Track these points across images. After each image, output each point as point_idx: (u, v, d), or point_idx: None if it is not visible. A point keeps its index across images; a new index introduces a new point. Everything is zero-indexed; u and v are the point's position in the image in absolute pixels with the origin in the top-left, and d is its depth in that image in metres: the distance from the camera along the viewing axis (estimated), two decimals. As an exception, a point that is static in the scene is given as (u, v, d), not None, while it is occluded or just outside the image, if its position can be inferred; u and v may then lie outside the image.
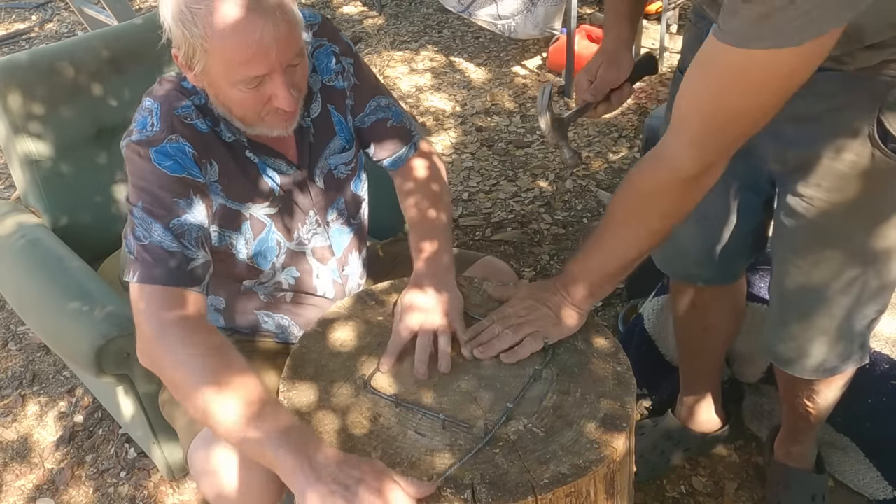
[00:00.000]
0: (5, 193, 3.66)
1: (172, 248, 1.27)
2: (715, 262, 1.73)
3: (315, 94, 1.51)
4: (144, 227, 1.28)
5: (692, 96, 1.16)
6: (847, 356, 1.57)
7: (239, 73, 1.24)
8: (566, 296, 1.39)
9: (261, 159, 1.45)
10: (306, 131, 1.50)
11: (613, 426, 1.20)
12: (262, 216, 1.47)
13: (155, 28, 2.28)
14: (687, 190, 1.23)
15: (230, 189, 1.42)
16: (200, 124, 1.37)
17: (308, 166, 1.51)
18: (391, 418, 1.24)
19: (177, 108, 1.36)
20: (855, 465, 1.97)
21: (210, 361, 1.19)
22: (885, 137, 1.27)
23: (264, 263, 1.53)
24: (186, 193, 1.31)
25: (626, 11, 1.62)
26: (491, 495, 1.09)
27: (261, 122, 1.35)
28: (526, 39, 4.49)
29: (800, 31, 0.95)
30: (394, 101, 1.63)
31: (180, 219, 1.29)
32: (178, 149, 1.32)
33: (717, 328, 1.91)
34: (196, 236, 1.31)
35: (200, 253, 1.31)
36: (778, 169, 1.47)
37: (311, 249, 1.58)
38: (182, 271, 1.27)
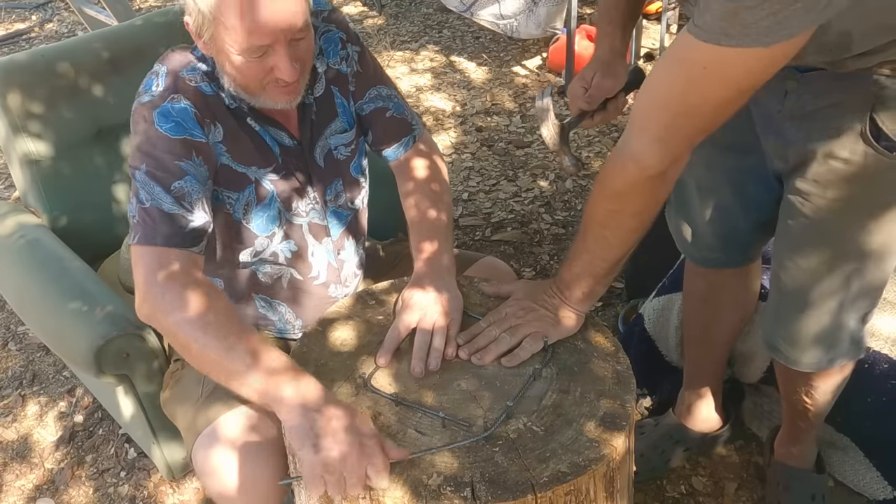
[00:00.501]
0: (5, 193, 3.66)
1: (172, 210, 1.32)
2: (729, 246, 1.76)
3: (319, 76, 1.54)
4: (147, 189, 1.32)
5: (656, 91, 1.16)
6: (841, 350, 1.59)
7: (244, 42, 1.28)
8: (563, 298, 1.39)
9: (262, 127, 1.48)
10: (308, 108, 1.52)
11: (613, 425, 1.20)
12: (265, 182, 1.50)
13: (155, 28, 2.30)
14: (655, 186, 1.24)
15: (235, 151, 1.45)
16: (205, 87, 1.41)
17: (309, 142, 1.54)
18: (391, 417, 1.24)
19: (183, 70, 1.40)
20: (855, 465, 1.97)
21: (210, 317, 1.24)
22: (877, 135, 1.28)
23: (263, 230, 1.53)
24: (188, 155, 1.35)
25: (620, 20, 1.62)
26: (490, 493, 1.09)
27: (263, 93, 1.38)
28: (527, 39, 4.49)
29: (768, 33, 0.96)
30: (396, 93, 1.64)
31: (181, 181, 1.33)
32: (179, 109, 1.36)
33: (731, 311, 1.92)
34: (196, 198, 1.35)
35: (199, 214, 1.35)
36: (781, 167, 1.48)
37: (308, 224, 1.58)
38: (182, 233, 1.32)
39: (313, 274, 1.63)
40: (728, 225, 1.72)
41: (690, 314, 2.00)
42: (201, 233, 1.35)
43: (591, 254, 1.36)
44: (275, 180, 1.51)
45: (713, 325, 1.94)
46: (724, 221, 1.72)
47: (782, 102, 1.39)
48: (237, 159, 1.46)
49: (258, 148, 1.48)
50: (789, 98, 1.38)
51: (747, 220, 1.69)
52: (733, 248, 1.77)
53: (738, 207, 1.67)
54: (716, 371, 2.05)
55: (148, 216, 1.31)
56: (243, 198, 1.48)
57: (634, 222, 1.31)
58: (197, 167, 1.36)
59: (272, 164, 1.50)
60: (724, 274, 1.83)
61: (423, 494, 1.09)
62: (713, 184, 1.68)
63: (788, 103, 1.38)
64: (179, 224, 1.32)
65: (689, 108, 1.13)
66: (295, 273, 1.62)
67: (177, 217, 1.32)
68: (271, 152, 1.49)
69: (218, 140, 1.43)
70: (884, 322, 1.90)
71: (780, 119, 1.41)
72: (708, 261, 1.82)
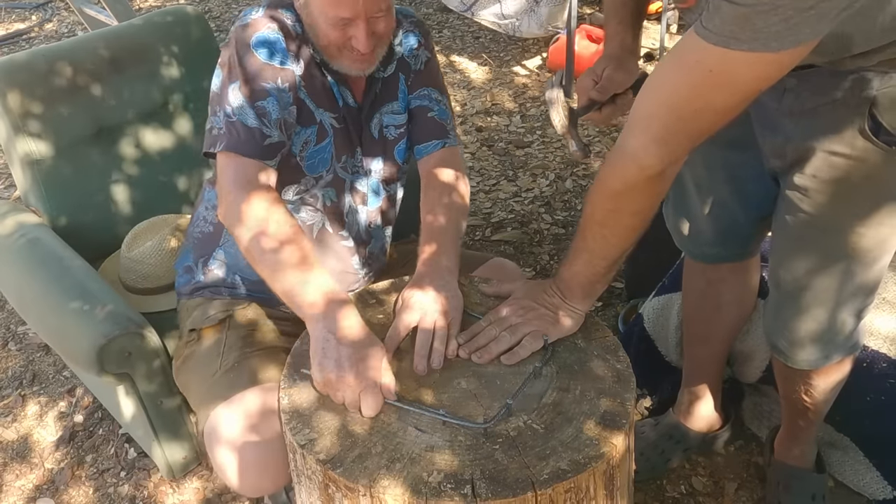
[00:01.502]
0: (5, 193, 3.66)
1: (254, 125, 1.48)
2: (728, 243, 1.77)
3: (394, 59, 1.69)
4: (236, 103, 1.49)
5: (659, 91, 1.16)
6: (837, 346, 1.60)
7: (330, 11, 1.46)
8: (563, 297, 1.39)
9: (333, 80, 1.61)
10: (376, 82, 1.67)
11: (613, 423, 1.20)
12: (328, 125, 1.62)
13: (155, 28, 2.30)
14: (654, 185, 1.24)
15: (310, 88, 1.59)
16: (298, 28, 1.56)
17: (369, 111, 1.67)
18: (392, 415, 1.24)
19: (281, 8, 1.56)
20: (855, 465, 1.97)
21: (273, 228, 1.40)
22: (876, 130, 1.28)
23: (313, 170, 1.64)
24: (274, 79, 1.51)
25: (628, 19, 1.62)
26: (490, 490, 1.09)
27: (340, 57, 1.54)
28: (528, 39, 4.49)
29: (778, 38, 0.95)
30: (446, 101, 1.76)
31: (264, 101, 1.49)
32: (273, 38, 1.52)
33: (731, 306, 1.92)
34: (275, 118, 1.50)
35: (276, 133, 1.50)
36: (778, 165, 1.48)
37: (350, 184, 1.69)
38: (260, 147, 1.48)
39: (343, 233, 1.70)
40: (727, 220, 1.72)
41: (690, 311, 2.00)
42: (277, 149, 1.51)
43: (591, 253, 1.36)
44: (336, 128, 1.63)
45: (713, 322, 1.94)
46: (723, 217, 1.72)
47: (780, 100, 1.39)
48: (310, 95, 1.59)
49: (328, 93, 1.61)
50: (787, 95, 1.38)
51: (746, 215, 1.69)
52: (732, 243, 1.77)
53: (737, 203, 1.68)
54: (715, 370, 2.05)
55: (234, 128, 1.48)
56: (305, 134, 1.60)
57: (633, 221, 1.31)
58: (280, 92, 1.51)
59: (337, 113, 1.63)
60: (722, 269, 1.84)
61: (424, 492, 1.10)
62: (711, 180, 1.68)
63: (787, 100, 1.39)
64: (259, 138, 1.48)
65: (692, 111, 1.12)
66: (327, 224, 1.68)
67: (257, 132, 1.48)
68: (336, 103, 1.62)
69: (299, 73, 1.56)
70: (883, 321, 1.91)
71: (779, 116, 1.41)
72: (707, 256, 1.83)
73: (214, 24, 5.37)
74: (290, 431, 1.22)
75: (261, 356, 1.56)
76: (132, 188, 2.25)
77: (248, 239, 1.42)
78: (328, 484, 1.16)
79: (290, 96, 1.53)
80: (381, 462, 1.15)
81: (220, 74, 1.54)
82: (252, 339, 1.61)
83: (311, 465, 1.18)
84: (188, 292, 1.77)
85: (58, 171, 2.13)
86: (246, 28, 1.52)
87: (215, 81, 1.55)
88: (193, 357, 1.63)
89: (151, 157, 2.28)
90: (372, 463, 1.14)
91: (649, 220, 1.32)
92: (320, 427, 1.22)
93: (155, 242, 2.07)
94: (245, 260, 1.48)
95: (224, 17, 5.54)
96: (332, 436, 1.20)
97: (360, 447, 1.18)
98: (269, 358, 1.57)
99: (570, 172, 3.47)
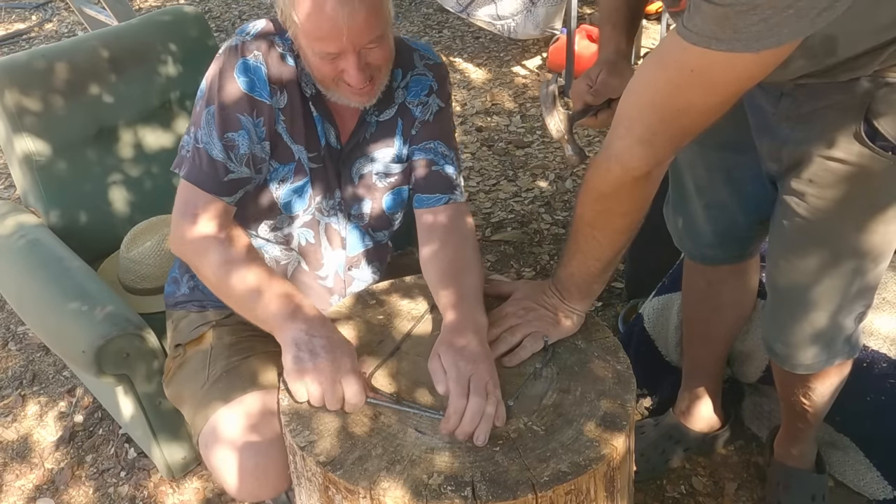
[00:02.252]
0: (5, 193, 3.66)
1: (218, 158, 1.43)
2: (727, 244, 1.77)
3: (394, 104, 1.58)
4: (207, 129, 1.44)
5: (642, 92, 1.15)
6: (836, 351, 1.59)
7: (315, 46, 1.36)
8: (561, 298, 1.39)
9: (319, 116, 1.53)
10: (368, 126, 1.57)
11: (613, 425, 1.20)
12: (306, 164, 1.54)
13: (155, 28, 2.30)
14: (640, 186, 1.24)
15: (291, 124, 1.51)
16: (289, 58, 1.48)
17: (350, 154, 1.57)
18: (391, 416, 1.24)
19: (276, 36, 1.48)
20: (855, 465, 1.97)
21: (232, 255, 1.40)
22: (873, 136, 1.28)
23: (291, 209, 1.57)
24: (250, 111, 1.44)
25: (622, 24, 1.61)
26: (491, 493, 1.09)
27: (337, 89, 1.45)
28: (526, 39, 4.49)
29: (759, 38, 0.95)
30: (454, 156, 1.62)
31: (235, 133, 1.44)
32: (255, 68, 1.44)
33: (731, 307, 1.92)
34: (243, 153, 1.45)
35: (242, 169, 1.45)
36: (774, 168, 1.48)
37: (326, 225, 1.61)
38: (220, 182, 1.44)
39: (321, 273, 1.64)
40: (726, 222, 1.72)
41: (690, 312, 2.00)
42: (239, 185, 1.46)
43: (584, 254, 1.36)
44: (314, 168, 1.55)
45: (713, 322, 1.94)
46: (722, 218, 1.72)
47: (777, 104, 1.39)
48: (290, 132, 1.51)
49: (309, 131, 1.53)
50: (784, 100, 1.38)
51: (745, 216, 1.69)
52: (731, 244, 1.77)
53: (736, 205, 1.68)
54: (715, 370, 2.05)
55: (198, 156, 1.44)
56: (282, 171, 1.53)
57: (623, 222, 1.31)
58: (255, 126, 1.45)
59: (315, 152, 1.54)
60: (722, 270, 1.84)
61: (424, 494, 1.09)
62: (711, 181, 1.68)
63: (783, 105, 1.38)
64: (221, 173, 1.43)
65: (674, 111, 1.12)
66: (303, 264, 1.63)
67: (220, 166, 1.43)
68: (318, 141, 1.54)
69: (279, 107, 1.49)
70: (882, 321, 1.90)
71: (776, 120, 1.41)
72: (706, 257, 1.83)
73: (214, 24, 5.37)
74: (290, 433, 1.21)
75: (253, 361, 1.55)
76: (131, 188, 2.25)
77: (207, 277, 1.43)
78: (328, 486, 1.16)
79: (263, 131, 1.46)
80: (381, 464, 1.14)
81: (202, 90, 1.48)
82: (240, 347, 1.59)
83: (311, 467, 1.17)
84: (172, 304, 1.75)
85: (57, 171, 2.13)
86: (234, 50, 1.45)
87: (199, 93, 1.50)
88: (181, 371, 1.61)
89: (151, 158, 2.28)
90: (372, 465, 1.14)
91: (639, 221, 1.32)
92: (320, 429, 1.22)
93: (154, 243, 2.07)
94: None
95: (224, 17, 5.53)
96: (332, 437, 1.20)
97: (361, 449, 1.17)
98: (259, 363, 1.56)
99: (570, 172, 3.47)
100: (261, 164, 1.49)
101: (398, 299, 1.51)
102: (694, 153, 1.67)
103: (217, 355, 1.57)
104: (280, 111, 1.48)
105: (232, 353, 1.57)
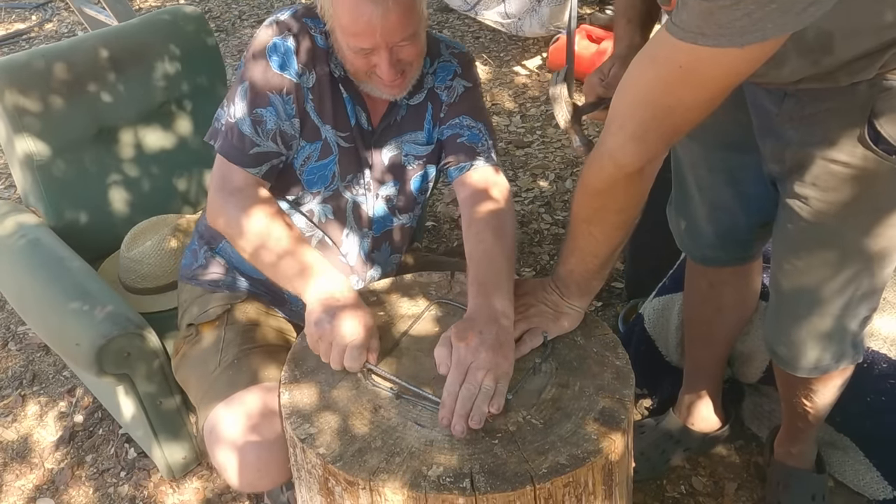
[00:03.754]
0: (5, 193, 3.66)
1: (246, 133, 1.50)
2: (729, 246, 1.77)
3: (423, 89, 1.63)
4: (239, 105, 1.52)
5: (633, 89, 1.16)
6: (841, 354, 1.59)
7: (351, 41, 1.43)
8: (561, 295, 1.40)
9: (350, 97, 1.57)
10: (398, 109, 1.63)
11: (611, 419, 1.20)
12: (333, 143, 1.59)
13: (155, 28, 2.30)
14: (634, 183, 1.24)
15: (319, 103, 1.56)
16: (320, 40, 1.53)
17: (381, 136, 1.63)
18: (391, 410, 1.24)
19: (309, 18, 1.53)
20: (855, 465, 1.97)
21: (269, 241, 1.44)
22: (876, 139, 1.28)
23: (312, 186, 1.61)
24: (279, 90, 1.51)
25: (637, 19, 1.62)
26: (489, 484, 1.09)
27: (369, 81, 1.52)
28: (528, 38, 4.50)
29: (743, 33, 0.95)
30: (482, 127, 1.64)
31: (263, 109, 1.51)
32: (287, 48, 1.51)
33: (732, 309, 1.92)
34: (270, 129, 1.51)
35: (268, 143, 1.52)
36: (776, 169, 1.47)
37: (353, 203, 1.66)
38: (246, 154, 1.51)
39: (343, 250, 1.67)
40: (728, 223, 1.72)
41: (691, 312, 2.00)
42: (264, 158, 1.52)
43: (582, 251, 1.37)
44: (342, 146, 1.59)
45: (714, 324, 1.94)
46: (724, 220, 1.72)
47: (780, 105, 1.39)
48: (318, 111, 1.56)
49: (338, 111, 1.57)
50: (788, 100, 1.38)
51: (747, 219, 1.69)
52: (733, 247, 1.77)
53: (738, 207, 1.68)
54: (716, 371, 2.05)
55: (231, 132, 1.52)
56: (308, 149, 1.58)
57: (618, 218, 1.31)
58: (284, 104, 1.52)
59: (346, 132, 1.59)
60: (724, 272, 1.84)
61: (423, 486, 1.10)
62: (713, 182, 1.68)
63: (787, 106, 1.38)
64: (247, 146, 1.50)
65: (665, 108, 1.12)
66: (326, 238, 1.66)
67: (247, 140, 1.50)
68: (348, 122, 1.58)
69: (308, 86, 1.54)
70: (883, 322, 1.90)
71: (779, 122, 1.41)
72: (708, 259, 1.83)
73: (214, 24, 5.37)
74: (291, 426, 1.22)
75: (260, 354, 1.57)
76: (132, 188, 2.25)
77: (243, 246, 1.48)
78: (328, 478, 1.16)
79: (293, 108, 1.53)
80: (380, 456, 1.15)
81: (240, 66, 1.56)
82: (251, 335, 1.61)
83: (311, 460, 1.18)
84: (188, 276, 1.78)
85: (57, 171, 2.14)
86: (267, 29, 1.52)
87: (239, 69, 1.57)
88: (192, 353, 1.64)
89: (151, 158, 2.29)
90: (372, 457, 1.15)
91: (635, 217, 1.32)
92: (320, 422, 1.22)
93: (154, 242, 2.07)
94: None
95: (224, 17, 5.54)
96: (333, 431, 1.20)
97: (360, 442, 1.18)
98: (269, 356, 1.57)
99: (570, 172, 3.47)
100: (291, 140, 1.55)
101: (398, 298, 1.51)
102: (697, 154, 1.68)
103: (230, 341, 1.60)
104: (309, 90, 1.54)
105: (244, 340, 1.60)
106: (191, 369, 1.63)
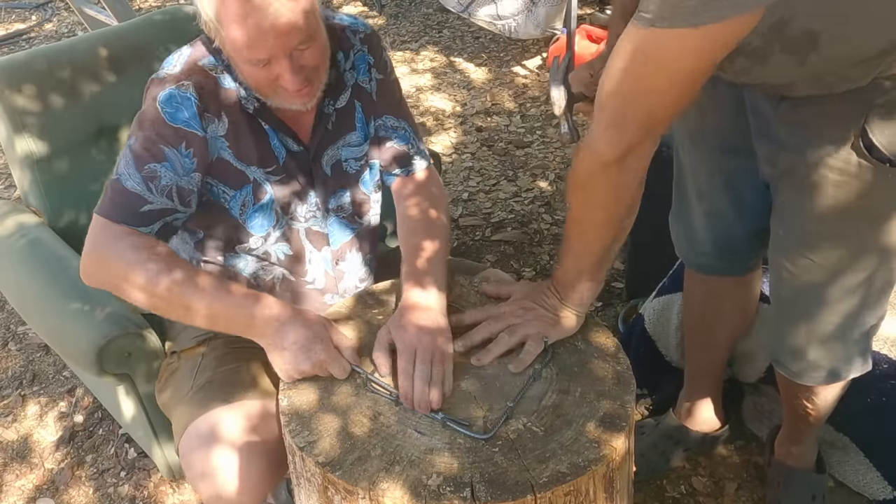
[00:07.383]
0: (6, 193, 3.66)
1: (134, 189, 1.36)
2: (725, 254, 1.76)
3: (346, 87, 1.56)
4: (123, 163, 1.38)
5: (607, 79, 1.17)
6: (849, 363, 1.58)
7: (244, 54, 1.31)
8: (560, 298, 1.39)
9: (272, 129, 1.48)
10: (327, 118, 1.54)
11: (613, 425, 1.20)
12: (264, 182, 1.50)
13: (155, 28, 2.29)
14: (612, 174, 1.24)
15: (237, 147, 1.45)
16: (224, 79, 1.42)
17: (317, 149, 1.54)
18: (391, 417, 1.24)
19: (204, 59, 1.42)
20: (855, 465, 1.97)
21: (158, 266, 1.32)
22: (869, 147, 1.28)
23: (259, 230, 1.54)
24: (176, 143, 1.38)
25: None
26: (490, 493, 1.09)
27: (275, 95, 1.39)
28: (526, 39, 4.49)
29: (695, 13, 0.99)
30: (405, 125, 1.65)
31: (157, 164, 1.37)
32: (183, 98, 1.38)
33: (731, 316, 1.92)
34: (165, 184, 1.37)
35: (161, 199, 1.38)
36: (769, 173, 1.47)
37: (306, 230, 1.59)
38: (134, 212, 1.36)
39: (309, 279, 1.63)
40: (723, 232, 1.72)
41: (690, 319, 2.00)
42: (156, 217, 1.38)
43: (576, 252, 1.37)
44: (275, 182, 1.51)
45: (713, 330, 1.94)
46: (720, 227, 1.71)
47: (776, 107, 1.39)
48: (238, 156, 1.46)
49: (261, 148, 1.48)
50: (784, 104, 1.38)
51: (742, 227, 1.68)
52: (729, 256, 1.77)
53: (734, 213, 1.67)
54: (716, 373, 2.05)
55: (111, 188, 1.37)
56: (240, 196, 1.49)
57: (602, 215, 1.32)
58: (181, 157, 1.38)
59: (272, 166, 1.50)
60: (723, 281, 1.83)
61: (423, 495, 1.09)
62: (710, 187, 1.68)
63: (783, 108, 1.38)
64: (135, 203, 1.36)
65: (634, 94, 1.14)
66: (288, 274, 1.62)
67: (134, 196, 1.36)
68: (273, 154, 1.49)
69: (220, 134, 1.43)
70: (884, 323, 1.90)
71: (775, 124, 1.41)
72: (703, 267, 1.82)
73: (214, 23, 5.35)
74: (290, 433, 1.21)
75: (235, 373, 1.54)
76: (132, 188, 2.24)
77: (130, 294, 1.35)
78: (327, 486, 1.16)
79: (194, 163, 1.40)
80: (380, 464, 1.15)
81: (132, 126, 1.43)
82: (229, 357, 1.58)
83: (310, 468, 1.18)
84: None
85: (58, 171, 2.13)
86: (158, 83, 1.40)
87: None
88: (173, 378, 1.62)
89: (151, 158, 2.28)
90: (371, 465, 1.14)
91: (621, 217, 1.32)
92: (319, 429, 1.22)
93: (155, 243, 2.07)
94: None
95: (224, 16, 5.52)
96: (332, 438, 1.20)
97: (360, 449, 1.17)
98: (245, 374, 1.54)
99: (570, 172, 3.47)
100: (188, 196, 1.42)
101: (398, 299, 1.50)
102: (697, 159, 1.67)
103: (205, 366, 1.57)
104: (222, 138, 1.43)
105: (219, 363, 1.57)
106: (168, 393, 1.61)
